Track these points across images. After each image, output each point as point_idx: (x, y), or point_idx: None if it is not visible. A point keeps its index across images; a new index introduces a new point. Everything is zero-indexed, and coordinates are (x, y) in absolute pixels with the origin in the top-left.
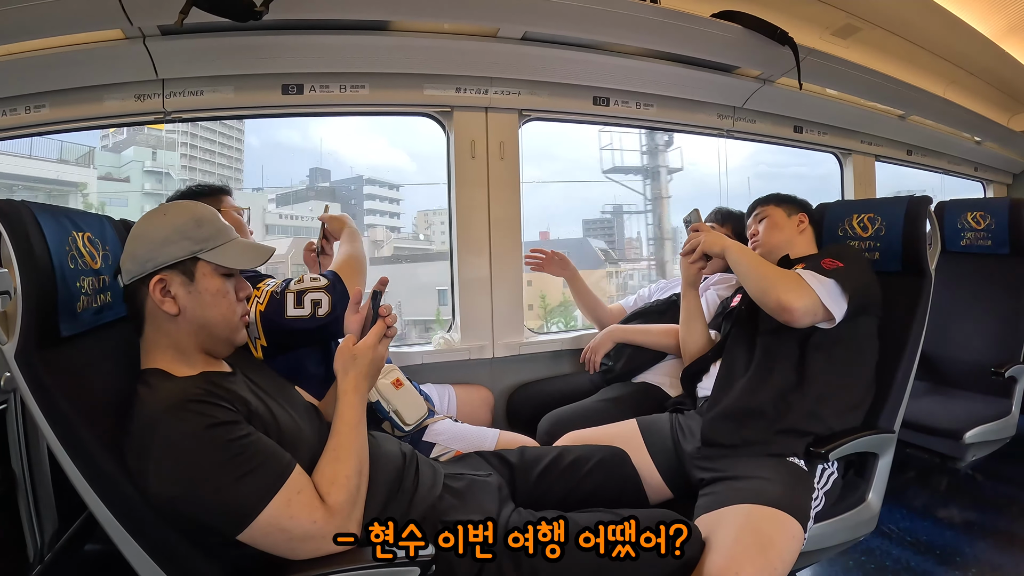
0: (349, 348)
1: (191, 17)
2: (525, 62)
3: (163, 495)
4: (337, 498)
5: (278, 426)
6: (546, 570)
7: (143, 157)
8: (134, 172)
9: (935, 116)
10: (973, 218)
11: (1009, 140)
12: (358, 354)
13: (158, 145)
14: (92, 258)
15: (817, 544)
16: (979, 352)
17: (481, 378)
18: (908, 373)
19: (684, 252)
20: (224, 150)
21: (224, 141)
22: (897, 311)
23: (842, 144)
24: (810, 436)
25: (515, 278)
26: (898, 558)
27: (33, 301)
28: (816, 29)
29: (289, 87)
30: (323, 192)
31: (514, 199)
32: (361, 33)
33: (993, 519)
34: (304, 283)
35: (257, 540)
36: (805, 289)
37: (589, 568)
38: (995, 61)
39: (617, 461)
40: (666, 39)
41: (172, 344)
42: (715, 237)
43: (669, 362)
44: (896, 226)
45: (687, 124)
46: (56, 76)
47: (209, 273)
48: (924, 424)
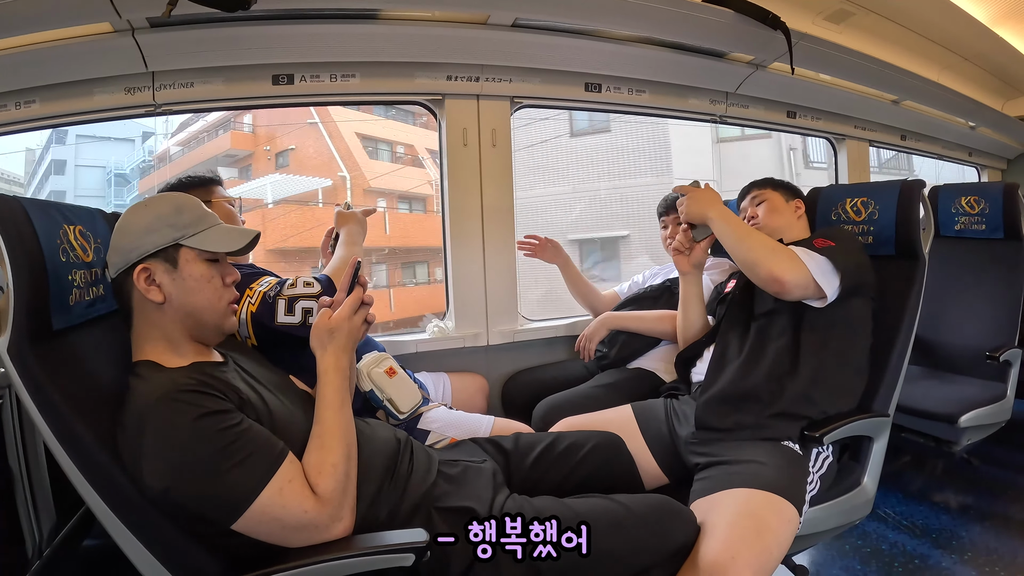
0: (325, 323)
1: (179, 9)
2: (516, 49)
3: (156, 486)
4: (326, 487)
5: (271, 414)
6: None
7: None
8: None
9: (929, 101)
10: (967, 202)
11: (1003, 125)
12: (334, 326)
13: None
14: (84, 251)
15: (812, 528)
16: (974, 336)
17: (476, 366)
18: (903, 356)
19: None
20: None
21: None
22: (891, 295)
23: (836, 129)
24: (804, 420)
25: (509, 266)
26: (894, 542)
27: (25, 295)
28: (809, 14)
29: (279, 78)
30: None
31: (507, 186)
32: (351, 22)
33: (988, 503)
34: (297, 288)
35: (251, 529)
36: (797, 262)
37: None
38: (989, 46)
39: (612, 447)
40: (657, 24)
41: (162, 335)
42: (698, 202)
43: (663, 348)
44: (890, 210)
45: (680, 110)
46: (45, 71)
47: (193, 259)
48: (919, 408)
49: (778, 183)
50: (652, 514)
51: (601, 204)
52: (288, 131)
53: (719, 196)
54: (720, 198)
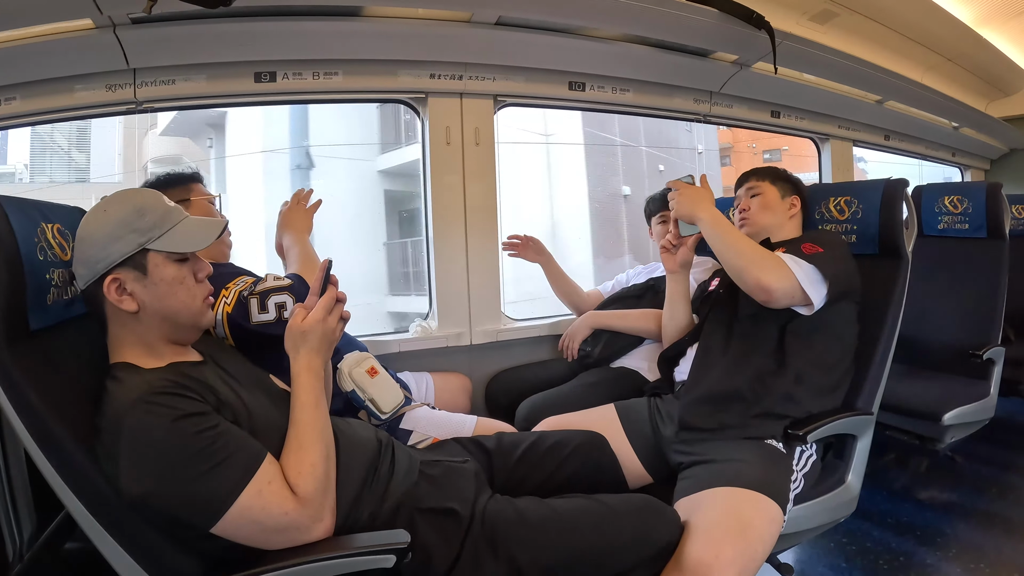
0: (298, 324)
1: (161, 5)
2: (499, 47)
3: (133, 490)
4: (306, 488)
5: (249, 414)
6: (524, 555)
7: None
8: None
9: (913, 102)
10: (950, 202)
11: (986, 126)
12: (307, 329)
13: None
14: (62, 249)
15: (797, 526)
16: (957, 335)
17: (459, 365)
18: (886, 355)
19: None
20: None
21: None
22: (874, 294)
23: (820, 129)
24: (787, 419)
25: (492, 265)
26: (879, 539)
27: (1, 295)
28: (793, 14)
29: (262, 75)
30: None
31: (490, 185)
32: (334, 19)
33: (972, 500)
34: (267, 283)
35: (230, 532)
36: (785, 271)
37: (569, 552)
38: (973, 47)
39: (596, 446)
40: (641, 23)
41: (138, 339)
42: (689, 200)
43: (647, 347)
44: (873, 209)
45: (664, 109)
46: (26, 68)
47: (162, 262)
48: (903, 406)
49: (778, 175)
50: (635, 514)
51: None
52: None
53: (711, 194)
54: (712, 197)
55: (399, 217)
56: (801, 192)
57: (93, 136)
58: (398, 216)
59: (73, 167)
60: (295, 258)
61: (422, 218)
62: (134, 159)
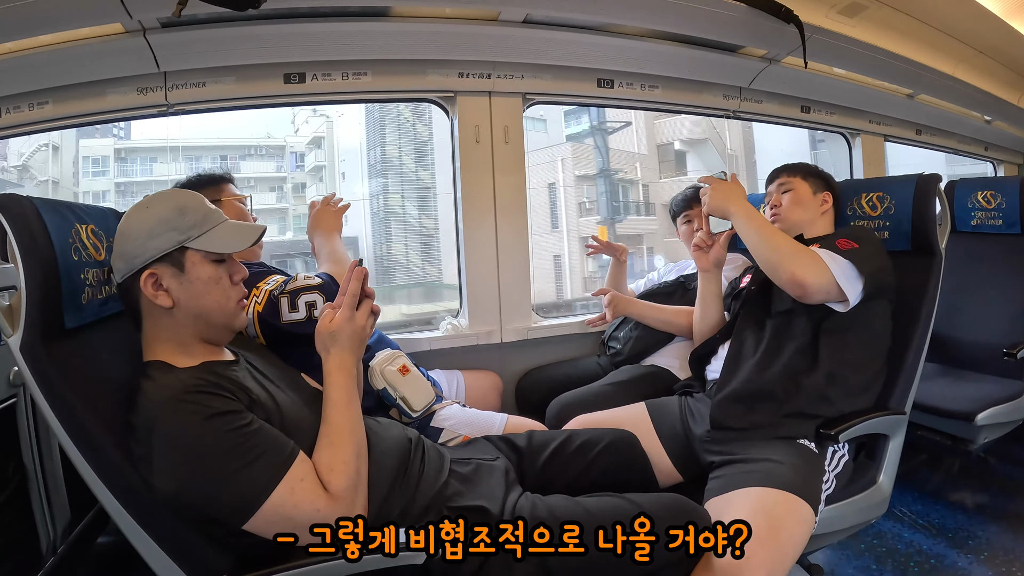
0: (327, 325)
1: (190, 9)
2: (527, 46)
3: (167, 488)
4: (338, 484)
5: (280, 413)
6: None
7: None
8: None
9: (944, 95)
10: (984, 197)
11: (1020, 119)
12: (335, 329)
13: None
14: (96, 250)
15: (828, 527)
16: (991, 333)
17: (490, 363)
18: (919, 353)
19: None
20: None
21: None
22: (907, 291)
23: (850, 124)
24: (819, 418)
25: (522, 263)
26: (909, 541)
27: (37, 294)
28: (822, 7)
29: (291, 76)
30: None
31: (519, 184)
32: (362, 20)
33: (1005, 502)
34: (298, 282)
35: (263, 529)
36: (820, 266)
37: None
38: (1005, 39)
39: (626, 444)
40: (669, 19)
41: (172, 336)
42: (722, 195)
43: (678, 344)
44: (905, 205)
45: (693, 105)
46: (58, 72)
47: (199, 261)
48: (936, 406)
49: (810, 170)
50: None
51: None
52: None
53: (743, 190)
54: (744, 192)
55: None
56: (833, 188)
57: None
58: None
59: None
60: (325, 257)
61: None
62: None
